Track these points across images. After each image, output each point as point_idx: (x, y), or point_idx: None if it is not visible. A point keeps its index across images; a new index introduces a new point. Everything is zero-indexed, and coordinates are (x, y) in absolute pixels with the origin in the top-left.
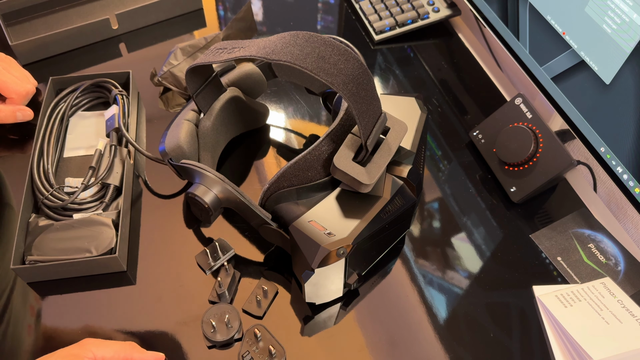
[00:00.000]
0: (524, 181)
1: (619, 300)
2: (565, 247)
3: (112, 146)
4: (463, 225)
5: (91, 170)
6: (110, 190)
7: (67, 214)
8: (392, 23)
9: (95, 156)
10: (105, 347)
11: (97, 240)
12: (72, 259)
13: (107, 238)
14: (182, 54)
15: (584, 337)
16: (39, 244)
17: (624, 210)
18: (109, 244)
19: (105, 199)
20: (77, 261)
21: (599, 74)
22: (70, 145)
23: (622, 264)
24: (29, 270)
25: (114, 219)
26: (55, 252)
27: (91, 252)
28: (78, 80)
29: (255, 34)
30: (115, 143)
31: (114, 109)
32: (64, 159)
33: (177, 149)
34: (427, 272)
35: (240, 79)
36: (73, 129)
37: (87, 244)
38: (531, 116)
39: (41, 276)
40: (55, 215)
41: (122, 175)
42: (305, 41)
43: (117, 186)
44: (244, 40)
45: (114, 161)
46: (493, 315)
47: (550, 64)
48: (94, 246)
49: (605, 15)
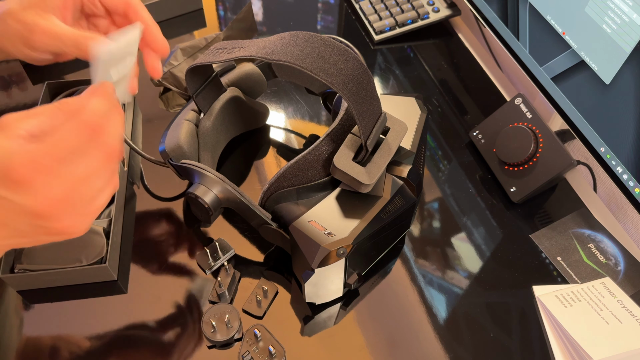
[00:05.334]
0: (524, 181)
1: (618, 300)
2: (565, 247)
3: None
4: (463, 225)
5: None
6: None
7: None
8: (392, 23)
9: None
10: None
11: (88, 249)
12: (62, 268)
13: (97, 247)
14: (182, 54)
15: (584, 337)
16: (28, 252)
17: (624, 210)
18: (99, 252)
19: None
20: (67, 270)
21: (599, 74)
22: None
23: (622, 264)
24: (19, 278)
25: (105, 227)
26: (45, 261)
27: (81, 261)
28: (74, 85)
29: (255, 34)
30: None
31: None
32: None
33: (177, 149)
34: (427, 272)
35: (240, 79)
36: None
37: (77, 252)
38: (531, 116)
39: (31, 284)
40: None
41: None
42: (305, 41)
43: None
44: (244, 41)
45: None
46: (493, 315)
47: (550, 64)
48: (84, 255)
49: (605, 15)
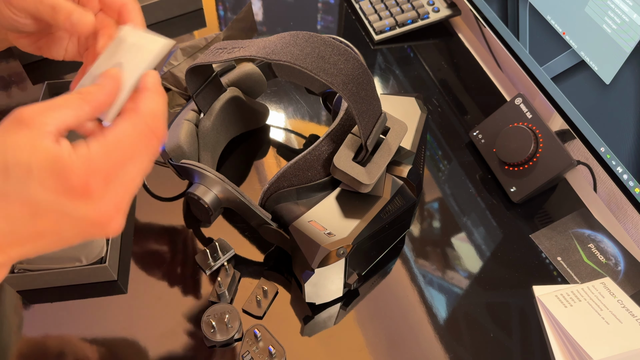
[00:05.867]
0: (524, 181)
1: (619, 300)
2: (565, 247)
3: None
4: (463, 225)
5: None
6: None
7: None
8: (392, 23)
9: None
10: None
11: (87, 248)
12: (62, 268)
13: (97, 247)
14: (182, 55)
15: (584, 337)
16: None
17: (624, 210)
18: (99, 252)
19: None
20: (67, 270)
21: (599, 74)
22: None
23: (622, 264)
24: (18, 278)
25: None
26: (45, 261)
27: (81, 261)
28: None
29: (255, 34)
30: None
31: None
32: None
33: (177, 149)
34: (427, 272)
35: (240, 79)
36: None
37: (77, 252)
38: (531, 116)
39: (30, 284)
40: None
41: None
42: (305, 41)
43: None
44: (244, 40)
45: None
46: (493, 315)
47: (550, 64)
48: (83, 255)
49: (605, 15)
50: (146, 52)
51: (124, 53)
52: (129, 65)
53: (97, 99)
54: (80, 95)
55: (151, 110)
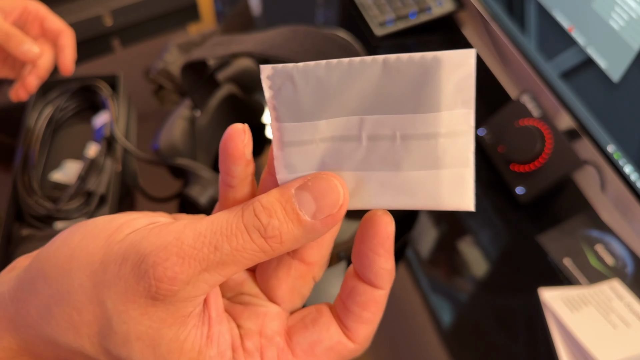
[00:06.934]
0: (531, 182)
1: (627, 304)
2: (573, 249)
3: (101, 153)
4: (467, 227)
5: (79, 179)
6: (96, 198)
7: (51, 223)
8: (394, 18)
9: (84, 164)
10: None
11: None
12: None
13: None
14: (177, 50)
15: (592, 342)
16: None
17: (633, 211)
18: None
19: (90, 207)
20: None
21: (607, 72)
22: (58, 151)
23: (631, 266)
24: None
25: None
26: None
27: None
28: (66, 82)
29: (253, 28)
30: (104, 150)
31: (104, 115)
32: (50, 165)
33: (172, 148)
34: (430, 275)
35: (236, 74)
36: (62, 134)
37: None
38: (538, 114)
39: None
40: (39, 224)
41: (108, 183)
42: (305, 36)
43: (103, 194)
44: (240, 35)
45: (103, 169)
46: (498, 319)
47: (557, 60)
48: None
49: (612, 11)
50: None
51: None
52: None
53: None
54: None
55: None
